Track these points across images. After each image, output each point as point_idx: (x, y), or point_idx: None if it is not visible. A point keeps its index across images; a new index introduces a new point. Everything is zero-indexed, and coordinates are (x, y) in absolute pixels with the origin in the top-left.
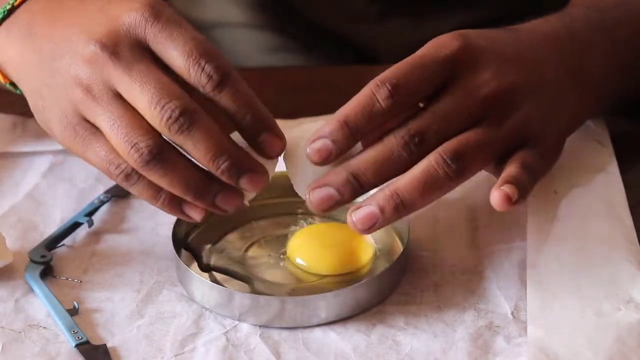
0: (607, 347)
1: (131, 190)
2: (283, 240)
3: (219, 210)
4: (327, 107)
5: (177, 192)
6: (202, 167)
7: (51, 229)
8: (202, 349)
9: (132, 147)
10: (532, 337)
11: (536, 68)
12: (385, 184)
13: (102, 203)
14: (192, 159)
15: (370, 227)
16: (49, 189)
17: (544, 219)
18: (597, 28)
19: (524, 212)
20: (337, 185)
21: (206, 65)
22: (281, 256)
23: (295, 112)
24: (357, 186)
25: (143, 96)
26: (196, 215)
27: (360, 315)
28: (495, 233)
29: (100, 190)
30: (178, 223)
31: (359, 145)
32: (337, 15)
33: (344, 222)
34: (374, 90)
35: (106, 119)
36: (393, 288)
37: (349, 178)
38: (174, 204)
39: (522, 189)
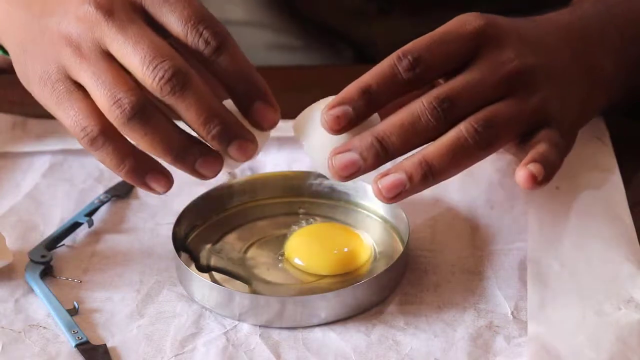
0: (608, 346)
1: (95, 155)
2: (283, 240)
3: (197, 175)
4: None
5: (156, 152)
6: (184, 130)
7: (51, 229)
8: (202, 349)
9: (114, 102)
10: (533, 334)
11: (553, 54)
12: (411, 153)
13: (102, 203)
14: (175, 122)
15: (396, 195)
16: (49, 189)
17: (545, 216)
18: (607, 22)
19: (524, 212)
20: (361, 149)
21: (204, 31)
22: (279, 257)
23: (295, 112)
24: (382, 151)
25: (135, 55)
26: (159, 187)
27: (360, 315)
28: (495, 233)
29: (100, 190)
30: (178, 223)
31: (374, 119)
32: (337, 12)
33: (344, 222)
34: (395, 62)
35: (91, 75)
36: (393, 288)
37: (373, 142)
38: (137, 174)
39: (550, 167)
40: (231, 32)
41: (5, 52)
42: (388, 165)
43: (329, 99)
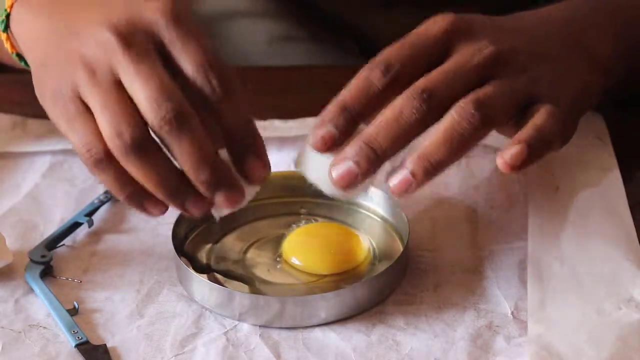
0: (609, 345)
1: (97, 177)
2: (283, 240)
3: (186, 212)
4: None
5: (149, 187)
6: (179, 170)
7: (51, 229)
8: (202, 349)
9: (116, 133)
10: (533, 334)
11: (540, 41)
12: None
13: (102, 203)
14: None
15: (405, 191)
16: (49, 189)
17: (546, 216)
18: (598, 9)
19: (524, 212)
20: (353, 156)
21: (212, 78)
22: (278, 258)
23: (295, 112)
24: (371, 153)
25: (144, 90)
26: (155, 211)
27: (360, 315)
28: (495, 233)
29: (100, 190)
30: (178, 223)
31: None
32: (342, 3)
33: (344, 222)
34: (367, 73)
35: (100, 101)
36: (393, 288)
37: (362, 146)
38: (136, 199)
39: (546, 138)
40: (240, 24)
41: (27, 63)
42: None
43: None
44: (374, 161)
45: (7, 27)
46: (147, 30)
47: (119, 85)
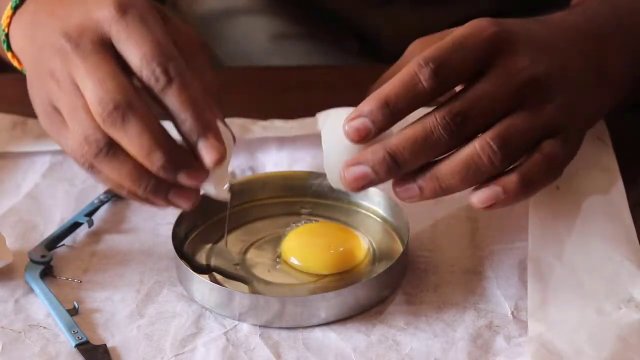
0: (609, 344)
1: (96, 179)
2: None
3: (174, 206)
4: (327, 107)
5: (128, 185)
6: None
7: (51, 229)
8: (202, 349)
9: (84, 139)
10: (533, 333)
11: (566, 59)
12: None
13: (102, 203)
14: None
15: (409, 199)
16: (49, 189)
17: (546, 216)
18: (616, 25)
19: (525, 212)
20: (373, 163)
21: (156, 68)
22: (277, 259)
23: (295, 112)
24: (393, 165)
25: (89, 88)
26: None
27: (360, 315)
28: (495, 233)
29: (100, 190)
30: (178, 223)
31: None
32: (342, 0)
33: (344, 222)
34: (416, 70)
35: (66, 109)
36: (393, 288)
37: (385, 156)
38: (133, 196)
39: (532, 182)
40: (241, 22)
41: None
42: None
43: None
44: (393, 173)
45: (9, 46)
46: (96, 28)
47: (78, 89)
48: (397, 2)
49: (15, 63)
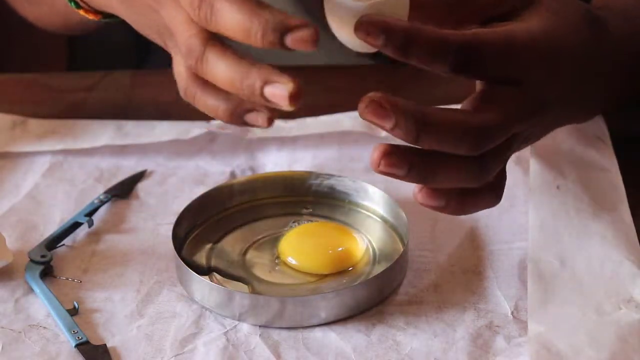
0: (609, 345)
1: (202, 94)
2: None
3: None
4: (327, 107)
5: (237, 85)
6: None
7: (51, 229)
8: (202, 349)
9: (188, 37)
10: (533, 333)
11: (564, 103)
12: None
13: (102, 203)
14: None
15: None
16: (48, 189)
17: (546, 215)
18: (625, 43)
19: (525, 212)
20: (407, 167)
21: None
22: (277, 259)
23: (295, 112)
24: (421, 181)
25: None
26: (260, 120)
27: (360, 315)
28: (495, 233)
29: (100, 190)
30: (178, 223)
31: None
32: None
33: (344, 222)
34: (460, 137)
35: (171, 26)
36: (393, 288)
37: (419, 173)
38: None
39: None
40: None
41: (107, 16)
42: None
43: None
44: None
45: (77, 4)
46: None
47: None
48: None
49: (91, 17)
